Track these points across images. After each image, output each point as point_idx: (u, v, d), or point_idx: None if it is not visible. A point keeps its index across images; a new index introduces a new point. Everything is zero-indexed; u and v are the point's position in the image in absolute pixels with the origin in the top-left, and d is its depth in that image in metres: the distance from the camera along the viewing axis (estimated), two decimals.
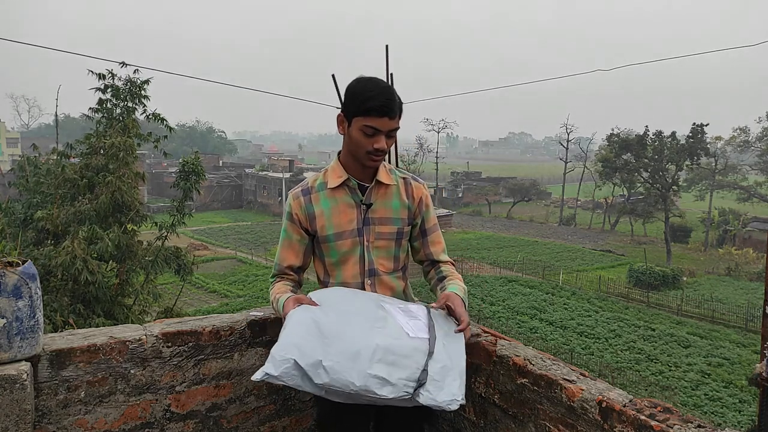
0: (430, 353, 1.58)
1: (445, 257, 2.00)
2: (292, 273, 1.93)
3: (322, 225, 1.85)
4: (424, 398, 1.50)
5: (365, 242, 1.86)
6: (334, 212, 1.85)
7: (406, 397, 1.50)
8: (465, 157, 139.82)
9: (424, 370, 1.53)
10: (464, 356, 1.66)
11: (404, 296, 1.97)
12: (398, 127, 1.78)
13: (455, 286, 1.87)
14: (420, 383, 1.52)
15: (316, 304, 1.72)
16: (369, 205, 1.85)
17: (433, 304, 1.82)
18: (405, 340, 1.59)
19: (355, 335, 1.58)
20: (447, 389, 1.52)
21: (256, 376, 1.53)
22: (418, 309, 1.78)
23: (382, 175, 1.87)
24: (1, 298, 1.48)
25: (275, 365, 1.52)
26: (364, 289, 1.89)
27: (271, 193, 56.69)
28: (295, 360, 1.52)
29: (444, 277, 1.95)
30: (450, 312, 1.77)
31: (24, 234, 7.06)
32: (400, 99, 1.78)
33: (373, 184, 1.86)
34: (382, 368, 1.51)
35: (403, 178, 1.92)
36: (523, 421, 1.80)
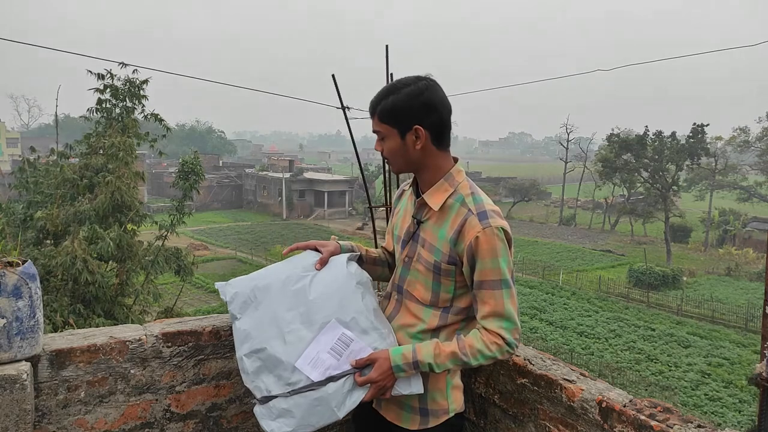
0: (294, 392, 1.58)
1: (488, 323, 1.60)
2: (385, 255, 1.99)
3: (394, 223, 1.87)
4: (258, 413, 1.62)
5: (405, 257, 1.75)
6: (404, 214, 1.81)
7: (246, 383, 1.65)
8: (465, 157, 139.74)
9: (274, 397, 1.60)
10: (330, 419, 1.58)
11: (432, 337, 1.70)
12: (379, 130, 1.66)
13: (424, 349, 1.59)
14: (261, 401, 1.62)
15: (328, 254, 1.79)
16: (420, 222, 1.70)
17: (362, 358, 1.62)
18: (290, 360, 1.60)
19: (273, 315, 1.66)
20: (277, 424, 1.58)
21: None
22: (359, 349, 1.62)
23: (431, 194, 1.66)
24: (1, 298, 1.48)
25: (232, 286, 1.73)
26: (389, 300, 1.81)
27: (271, 193, 56.68)
28: (236, 293, 1.71)
29: (453, 339, 1.64)
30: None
31: (24, 234, 7.06)
32: (392, 101, 1.60)
33: (422, 199, 1.69)
34: (255, 363, 1.63)
35: (467, 210, 1.61)
36: (523, 421, 1.80)
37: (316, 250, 1.81)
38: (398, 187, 2.57)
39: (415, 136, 1.61)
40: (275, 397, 1.60)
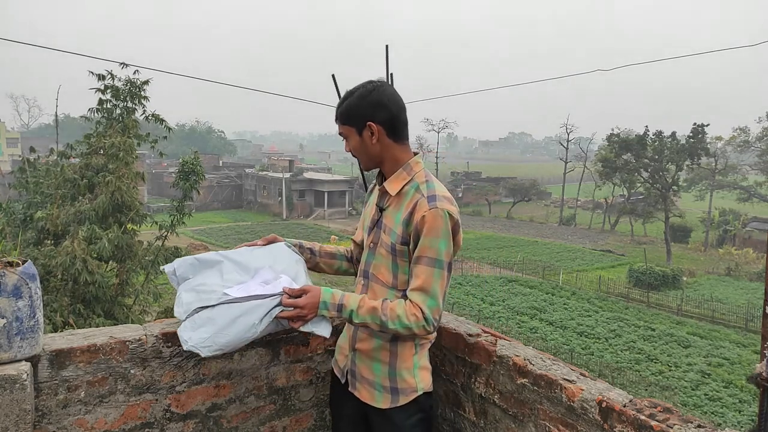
0: (220, 303, 1.71)
1: (413, 296, 1.70)
2: (345, 250, 2.14)
3: (364, 215, 1.99)
4: (181, 329, 1.71)
5: (370, 242, 1.88)
6: (371, 205, 1.95)
7: (181, 318, 1.75)
8: (465, 157, 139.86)
9: (197, 310, 1.71)
10: (248, 332, 1.70)
11: None
12: (342, 132, 1.82)
13: (351, 298, 1.75)
14: (187, 317, 1.73)
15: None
16: (382, 209, 1.86)
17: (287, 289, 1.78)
18: (222, 288, 1.77)
19: (216, 269, 1.86)
20: (197, 334, 1.67)
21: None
22: (288, 284, 1.81)
23: (390, 182, 1.82)
24: (1, 298, 1.49)
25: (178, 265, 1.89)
26: (358, 286, 1.93)
27: (271, 193, 56.69)
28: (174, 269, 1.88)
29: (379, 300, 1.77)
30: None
31: (24, 234, 7.06)
32: (347, 104, 1.78)
33: (383, 187, 1.87)
34: (191, 294, 1.76)
35: (421, 195, 1.74)
36: (523, 421, 1.80)
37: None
38: None
39: (370, 132, 1.77)
40: (203, 308, 1.70)
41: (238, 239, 40.09)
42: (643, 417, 1.45)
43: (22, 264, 1.55)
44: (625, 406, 1.51)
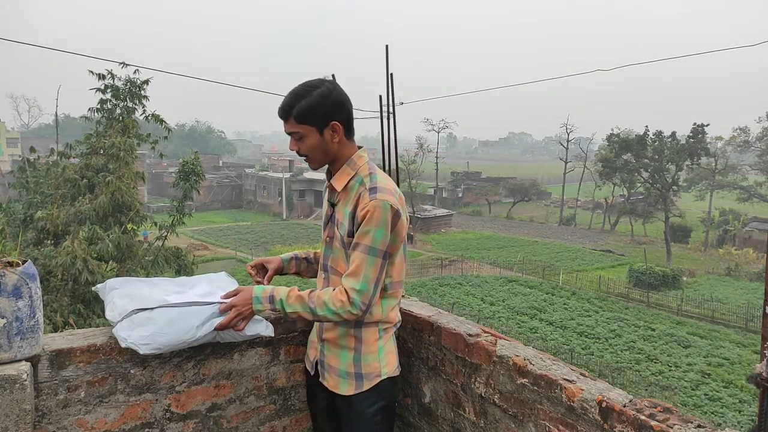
0: (159, 307, 1.73)
1: (345, 281, 1.75)
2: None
3: (322, 211, 2.04)
4: (118, 329, 1.71)
5: (326, 237, 1.93)
6: (325, 202, 2.00)
7: (114, 320, 1.74)
8: (465, 157, 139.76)
9: (134, 311, 1.72)
10: (187, 334, 1.72)
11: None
12: (296, 131, 1.79)
13: (281, 290, 1.80)
14: (123, 318, 1.72)
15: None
16: (333, 204, 1.90)
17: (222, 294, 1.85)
18: (157, 296, 1.81)
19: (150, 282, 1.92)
20: (136, 332, 1.68)
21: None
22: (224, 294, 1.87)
23: (336, 179, 1.87)
24: (1, 298, 1.49)
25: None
26: (319, 280, 1.98)
27: (271, 193, 56.70)
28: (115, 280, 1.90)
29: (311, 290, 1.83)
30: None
31: (24, 234, 7.06)
32: (307, 103, 1.75)
33: (330, 184, 1.91)
34: (124, 299, 1.77)
35: (364, 188, 1.79)
36: (523, 421, 1.80)
37: (263, 267, 2.07)
38: (397, 186, 2.61)
39: (332, 130, 1.79)
40: (141, 311, 1.72)
41: (238, 239, 40.11)
42: (643, 417, 1.45)
43: (22, 264, 1.55)
44: (625, 406, 1.51)
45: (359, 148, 1.91)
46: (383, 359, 1.88)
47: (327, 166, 1.90)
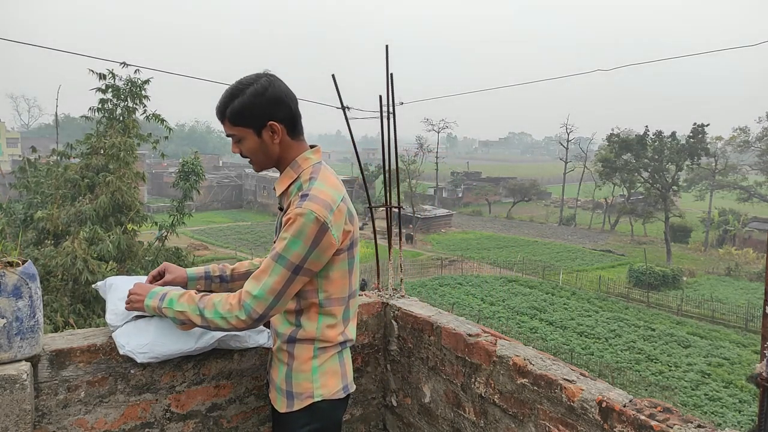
0: (153, 317, 1.75)
1: (247, 284, 1.58)
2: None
3: None
4: (117, 333, 1.76)
5: (273, 245, 1.77)
6: None
7: (115, 324, 1.78)
8: (465, 157, 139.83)
9: (135, 318, 1.76)
10: (185, 345, 1.76)
11: (297, 318, 1.71)
12: (233, 134, 1.64)
13: (178, 289, 1.70)
14: (125, 323, 1.77)
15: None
16: (282, 210, 1.73)
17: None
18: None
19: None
20: (135, 340, 1.73)
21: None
22: None
23: (278, 183, 1.72)
24: (1, 298, 1.49)
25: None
26: None
27: (271, 193, 56.69)
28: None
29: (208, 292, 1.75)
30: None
31: (24, 234, 7.07)
32: (239, 103, 1.59)
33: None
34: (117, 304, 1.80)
35: (300, 195, 1.61)
36: (523, 421, 1.80)
37: (161, 274, 1.89)
38: (397, 187, 2.55)
39: (271, 131, 1.63)
40: (140, 317, 1.75)
41: (238, 239, 40.13)
42: (643, 417, 1.45)
43: (22, 264, 1.55)
44: (625, 406, 1.51)
45: (312, 147, 1.73)
46: (318, 380, 1.70)
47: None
